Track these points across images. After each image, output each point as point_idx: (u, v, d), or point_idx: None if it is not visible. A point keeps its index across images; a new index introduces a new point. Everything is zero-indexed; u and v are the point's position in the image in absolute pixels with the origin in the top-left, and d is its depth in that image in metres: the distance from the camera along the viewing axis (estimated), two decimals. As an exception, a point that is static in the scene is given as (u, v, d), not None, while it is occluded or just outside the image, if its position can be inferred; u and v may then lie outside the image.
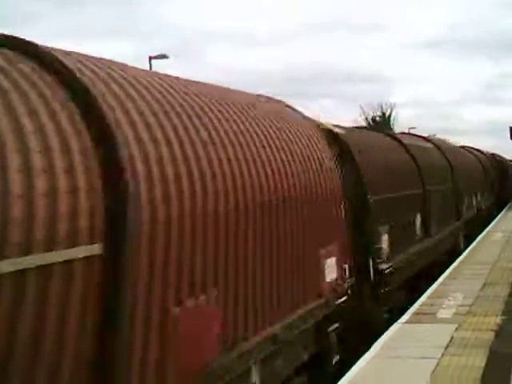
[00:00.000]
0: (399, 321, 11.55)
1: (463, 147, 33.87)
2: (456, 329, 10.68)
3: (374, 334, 10.72)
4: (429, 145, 21.95)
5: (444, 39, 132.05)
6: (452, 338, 10.13)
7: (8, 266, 3.90)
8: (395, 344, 10.00)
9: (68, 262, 4.31)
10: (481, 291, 13.84)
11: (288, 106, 10.22)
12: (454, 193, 21.71)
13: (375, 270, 11.95)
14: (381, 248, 12.39)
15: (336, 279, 9.41)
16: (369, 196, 12.18)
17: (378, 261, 12.07)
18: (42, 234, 4.13)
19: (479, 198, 29.50)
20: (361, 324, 11.16)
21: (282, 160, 8.01)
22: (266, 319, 7.20)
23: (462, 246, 22.16)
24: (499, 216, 34.22)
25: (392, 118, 71.60)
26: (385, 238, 12.77)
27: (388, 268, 12.44)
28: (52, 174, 4.32)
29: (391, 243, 13.02)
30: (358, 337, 10.86)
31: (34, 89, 4.63)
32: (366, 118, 67.82)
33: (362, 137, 14.58)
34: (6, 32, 5.16)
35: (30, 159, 4.19)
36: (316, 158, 9.20)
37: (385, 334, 10.69)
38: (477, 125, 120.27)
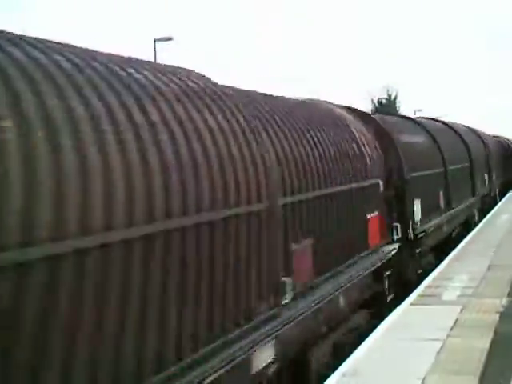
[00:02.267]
0: (404, 302, 11.61)
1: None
2: (461, 310, 10.75)
3: None
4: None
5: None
6: (457, 319, 10.20)
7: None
8: (400, 325, 10.07)
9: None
10: (486, 273, 13.91)
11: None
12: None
13: None
14: None
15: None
16: None
17: None
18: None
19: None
20: None
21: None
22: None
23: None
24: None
25: (398, 101, 71.28)
26: None
27: None
28: None
29: None
30: None
31: None
32: (372, 100, 67.52)
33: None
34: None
35: None
36: None
37: (390, 315, 10.76)
38: (481, 110, 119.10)
